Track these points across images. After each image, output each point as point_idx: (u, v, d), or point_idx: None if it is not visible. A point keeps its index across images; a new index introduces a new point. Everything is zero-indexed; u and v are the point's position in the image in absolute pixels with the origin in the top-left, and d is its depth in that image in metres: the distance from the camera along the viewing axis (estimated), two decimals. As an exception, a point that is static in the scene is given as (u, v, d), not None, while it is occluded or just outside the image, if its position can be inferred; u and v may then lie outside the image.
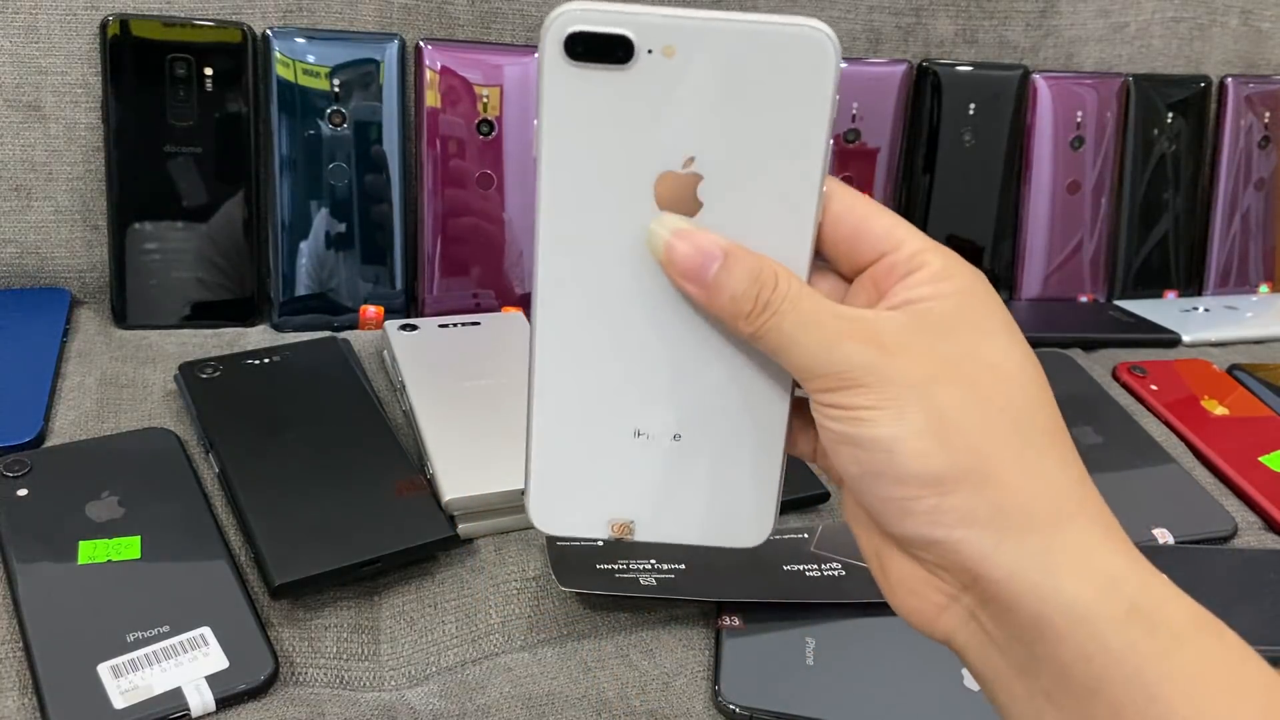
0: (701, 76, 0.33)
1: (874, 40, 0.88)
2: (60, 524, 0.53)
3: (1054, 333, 0.85)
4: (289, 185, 0.75)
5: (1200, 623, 0.31)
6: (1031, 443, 0.32)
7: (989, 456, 0.31)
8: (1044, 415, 0.32)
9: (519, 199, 0.79)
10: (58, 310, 0.72)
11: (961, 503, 0.31)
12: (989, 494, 0.31)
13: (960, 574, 0.32)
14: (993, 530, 0.31)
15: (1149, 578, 0.31)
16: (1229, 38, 0.98)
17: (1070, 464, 0.32)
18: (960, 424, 0.31)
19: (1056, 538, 0.31)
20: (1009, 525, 0.31)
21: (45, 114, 0.73)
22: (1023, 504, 0.31)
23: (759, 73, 0.33)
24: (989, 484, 0.31)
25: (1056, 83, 0.90)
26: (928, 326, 0.32)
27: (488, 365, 0.68)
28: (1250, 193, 0.97)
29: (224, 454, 0.58)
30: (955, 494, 0.31)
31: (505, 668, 0.51)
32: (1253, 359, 0.86)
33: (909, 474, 0.31)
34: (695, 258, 0.33)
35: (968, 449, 0.31)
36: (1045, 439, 0.32)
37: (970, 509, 0.31)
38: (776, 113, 0.33)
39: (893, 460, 0.31)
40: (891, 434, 0.31)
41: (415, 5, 0.78)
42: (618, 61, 0.32)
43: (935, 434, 0.31)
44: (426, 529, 0.55)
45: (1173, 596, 0.31)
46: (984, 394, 0.31)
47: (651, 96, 0.33)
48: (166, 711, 0.45)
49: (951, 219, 0.90)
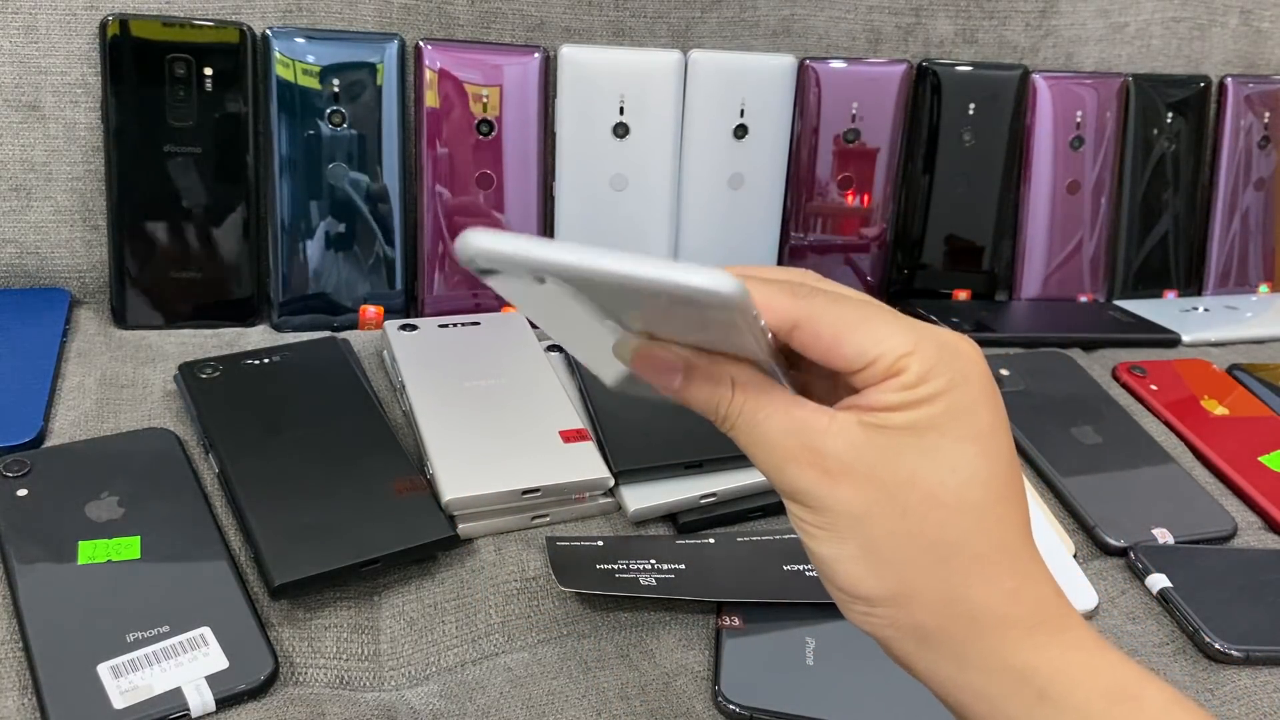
0: (605, 293, 0.32)
1: (874, 40, 0.88)
2: (60, 524, 0.53)
3: (1054, 333, 0.85)
4: (289, 185, 0.75)
5: (1115, 694, 0.34)
6: (955, 570, 0.34)
7: (911, 584, 0.34)
8: (979, 541, 0.34)
9: (518, 199, 0.79)
10: (57, 310, 0.72)
11: (886, 616, 0.35)
12: (910, 613, 0.35)
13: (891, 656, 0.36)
14: (915, 640, 0.35)
15: (1064, 662, 0.34)
16: (1229, 38, 0.98)
17: (995, 581, 0.35)
18: (889, 557, 0.34)
19: (970, 647, 0.35)
20: (927, 638, 0.35)
21: (45, 114, 0.73)
22: (939, 623, 0.34)
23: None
24: (911, 606, 0.34)
25: (1056, 83, 0.90)
26: (876, 444, 0.34)
27: (488, 365, 0.68)
28: (1250, 193, 0.97)
29: (224, 454, 0.58)
30: (881, 609, 0.35)
31: (505, 668, 0.51)
32: (1252, 359, 0.86)
33: (843, 588, 0.35)
34: (660, 373, 0.36)
35: (893, 578, 0.34)
36: (970, 565, 0.34)
37: (893, 620, 0.35)
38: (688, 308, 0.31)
39: (832, 574, 0.35)
40: (830, 554, 0.35)
41: (415, 5, 0.78)
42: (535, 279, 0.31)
43: (866, 562, 0.34)
44: (426, 529, 0.55)
45: (1089, 675, 0.34)
46: (915, 525, 0.34)
47: (567, 299, 0.33)
48: (166, 711, 0.45)
49: (951, 219, 0.90)
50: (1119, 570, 0.61)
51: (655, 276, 0.28)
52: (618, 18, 0.82)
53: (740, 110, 0.82)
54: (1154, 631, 0.57)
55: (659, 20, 0.83)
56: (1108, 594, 0.59)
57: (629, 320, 0.35)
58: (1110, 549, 0.62)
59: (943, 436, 0.34)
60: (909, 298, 0.90)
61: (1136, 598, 0.59)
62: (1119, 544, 0.62)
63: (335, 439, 0.60)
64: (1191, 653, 0.56)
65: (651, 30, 0.83)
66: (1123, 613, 0.58)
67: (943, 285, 0.91)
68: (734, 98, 0.82)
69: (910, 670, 0.36)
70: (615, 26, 0.82)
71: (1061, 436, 0.71)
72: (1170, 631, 0.57)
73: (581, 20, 0.81)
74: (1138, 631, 0.57)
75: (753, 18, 0.85)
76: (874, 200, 0.87)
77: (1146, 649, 0.56)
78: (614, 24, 0.82)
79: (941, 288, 0.91)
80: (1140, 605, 0.59)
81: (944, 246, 0.90)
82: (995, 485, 0.34)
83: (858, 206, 0.87)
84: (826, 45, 0.87)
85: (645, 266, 0.28)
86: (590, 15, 0.81)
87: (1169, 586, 0.59)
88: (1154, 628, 0.57)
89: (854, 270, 0.89)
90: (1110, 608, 0.58)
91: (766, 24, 0.85)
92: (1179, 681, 0.54)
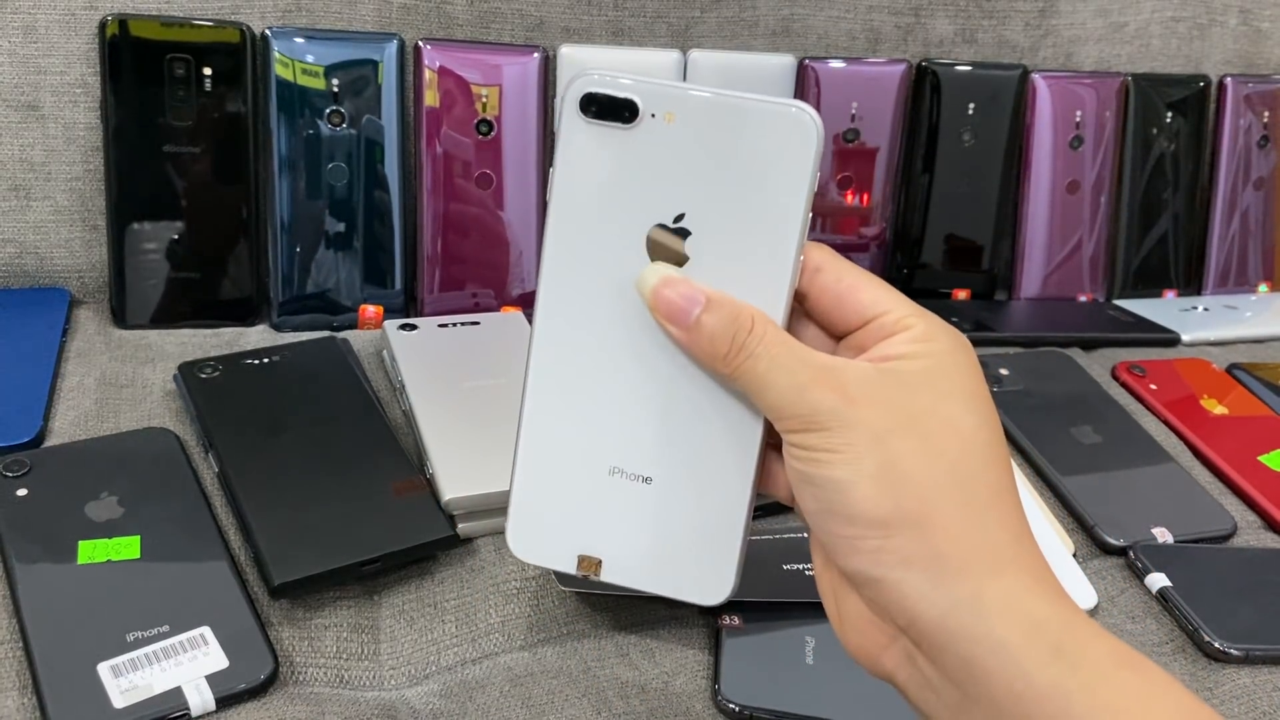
0: (696, 143, 0.36)
1: (873, 40, 0.88)
2: (60, 524, 0.53)
3: (1053, 332, 0.85)
4: (288, 185, 0.75)
5: (1121, 658, 0.33)
6: (974, 498, 0.34)
7: (932, 506, 0.33)
8: (992, 475, 0.35)
9: (518, 199, 0.79)
10: (57, 310, 0.72)
11: (903, 545, 0.33)
12: (929, 540, 0.33)
13: (898, 614, 0.34)
14: (930, 574, 0.33)
15: (1073, 619, 0.33)
16: (1228, 37, 0.98)
17: (1009, 522, 0.35)
18: (909, 474, 0.34)
19: (988, 585, 0.33)
20: (944, 570, 0.33)
21: (44, 114, 0.73)
22: (959, 552, 0.33)
23: (748, 144, 0.36)
24: (930, 531, 0.33)
25: (1056, 82, 0.90)
26: (893, 381, 0.35)
27: (487, 365, 0.68)
28: (1249, 192, 0.97)
29: (223, 454, 0.58)
30: (897, 537, 0.33)
31: (505, 668, 0.51)
32: (1252, 358, 0.86)
33: (857, 514, 0.34)
34: (679, 302, 0.36)
35: (913, 497, 0.33)
36: (988, 496, 0.34)
37: (910, 552, 0.33)
38: (761, 180, 0.36)
39: (844, 500, 0.34)
40: (845, 476, 0.34)
41: (414, 5, 0.78)
42: (624, 121, 0.36)
43: (885, 480, 0.33)
44: (426, 529, 0.55)
45: (1095, 635, 0.33)
46: (936, 448, 0.34)
47: (650, 156, 0.36)
48: (166, 711, 0.45)
49: (951, 219, 0.90)
50: (1118, 569, 0.61)
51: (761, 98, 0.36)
52: (617, 17, 0.82)
53: (740, 110, 0.82)
54: (1153, 631, 0.57)
55: (659, 20, 0.83)
56: (1107, 593, 0.59)
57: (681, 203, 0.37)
58: (1110, 548, 0.62)
59: (953, 384, 0.35)
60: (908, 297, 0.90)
61: (1136, 597, 0.59)
62: (1118, 543, 0.62)
63: (335, 439, 0.60)
64: (1191, 652, 0.56)
65: (651, 30, 0.83)
66: (1122, 612, 0.58)
67: (942, 285, 0.91)
68: (733, 97, 0.82)
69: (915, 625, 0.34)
70: (615, 26, 0.82)
71: (1061, 436, 0.71)
72: (1170, 631, 0.57)
73: (581, 20, 0.81)
74: (1137, 631, 0.57)
75: (752, 17, 0.85)
76: (873, 200, 0.87)
77: (1146, 648, 0.56)
78: (614, 24, 0.82)
79: (941, 287, 0.91)
80: (1140, 604, 0.59)
81: (944, 246, 0.90)
82: (998, 437, 0.36)
83: (857, 206, 0.87)
84: (826, 45, 0.87)
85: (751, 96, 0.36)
86: (590, 15, 0.81)
87: (1168, 586, 0.59)
88: (1153, 627, 0.57)
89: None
90: (1110, 607, 0.58)
91: (766, 24, 0.85)
92: (1179, 681, 0.54)
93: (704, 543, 0.40)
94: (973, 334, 0.83)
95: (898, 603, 0.34)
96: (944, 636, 0.33)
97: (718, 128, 0.36)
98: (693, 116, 0.36)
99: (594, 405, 0.39)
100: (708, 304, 0.36)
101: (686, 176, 0.37)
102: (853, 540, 0.34)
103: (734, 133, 0.36)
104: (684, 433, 0.39)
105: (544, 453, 0.40)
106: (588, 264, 0.38)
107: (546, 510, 0.40)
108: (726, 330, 0.36)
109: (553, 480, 0.40)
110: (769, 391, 0.35)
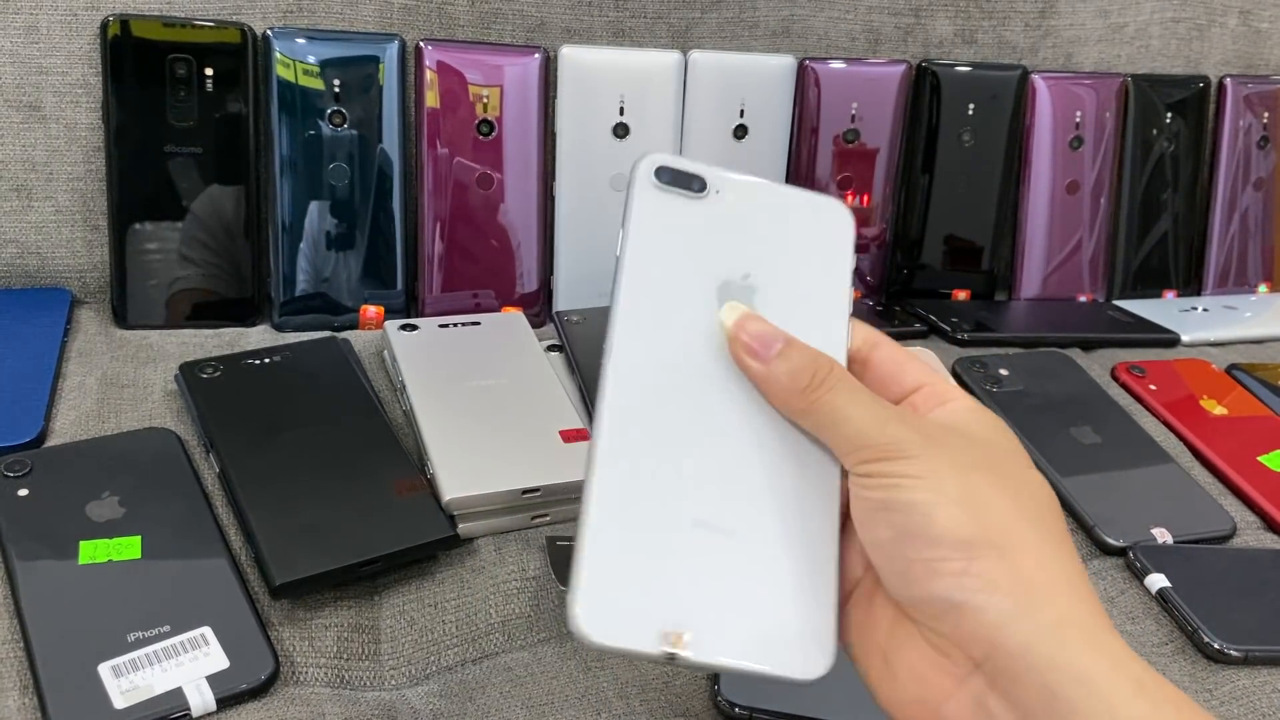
0: (755, 217, 0.40)
1: (873, 40, 0.88)
2: (61, 524, 0.53)
3: (1053, 332, 0.85)
4: (289, 185, 0.75)
5: (1187, 704, 0.33)
6: (1048, 535, 0.35)
7: (1013, 534, 0.34)
8: (1056, 521, 0.36)
9: (519, 199, 0.79)
10: (58, 310, 0.72)
11: (987, 569, 0.33)
12: (1012, 564, 0.33)
13: (975, 645, 0.34)
14: (1013, 599, 0.33)
15: (1140, 658, 0.34)
16: (1228, 38, 0.98)
17: (1074, 561, 0.35)
18: (989, 503, 0.34)
19: (1069, 613, 0.33)
20: (1028, 596, 0.33)
21: (46, 114, 0.73)
22: (1045, 579, 0.33)
23: (798, 225, 0.41)
24: (1014, 556, 0.34)
25: (1055, 83, 0.90)
26: (961, 431, 0.37)
27: (488, 365, 0.68)
28: (1249, 193, 0.97)
29: (224, 454, 0.58)
30: (981, 560, 0.33)
31: (505, 668, 0.51)
32: (1251, 359, 0.86)
33: (941, 535, 0.34)
34: (761, 337, 0.38)
35: (996, 524, 0.34)
36: (1058, 536, 0.35)
37: (994, 576, 0.33)
38: (811, 255, 0.41)
39: (927, 522, 0.34)
40: (929, 498, 0.34)
41: (415, 5, 0.78)
42: (694, 190, 0.40)
43: (968, 504, 0.34)
44: (426, 529, 0.55)
45: (1163, 679, 0.33)
46: (1011, 486, 0.35)
47: (717, 220, 0.40)
48: (167, 711, 0.45)
49: (951, 219, 0.90)
50: (1118, 570, 0.61)
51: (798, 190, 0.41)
52: (618, 18, 0.82)
53: (740, 111, 0.82)
54: (1153, 631, 0.57)
55: (659, 20, 0.83)
56: (1107, 594, 0.59)
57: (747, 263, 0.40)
58: (1109, 548, 0.62)
59: (1012, 445, 0.38)
60: (909, 298, 0.90)
61: (1135, 597, 0.59)
62: (1118, 543, 0.62)
63: (336, 439, 0.60)
64: (1190, 652, 0.56)
65: (651, 30, 0.83)
66: (1122, 612, 0.58)
67: (942, 285, 0.91)
68: (734, 98, 0.82)
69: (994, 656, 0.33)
70: (615, 27, 0.82)
71: (1060, 436, 0.71)
72: (1169, 631, 0.57)
73: (581, 20, 0.81)
74: (1137, 631, 0.57)
75: (752, 18, 0.85)
76: (873, 200, 0.87)
77: (1146, 649, 0.56)
78: (614, 24, 0.82)
79: (941, 287, 0.91)
80: (1139, 605, 0.59)
81: (943, 246, 0.90)
82: (1056, 499, 0.37)
83: (857, 206, 0.87)
84: (826, 45, 0.87)
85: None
86: (590, 15, 0.81)
87: (1168, 586, 0.59)
88: (1153, 627, 0.57)
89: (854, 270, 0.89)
90: (1109, 607, 0.58)
91: (766, 24, 0.85)
92: (1178, 681, 0.54)
93: (796, 602, 0.37)
94: (973, 334, 0.83)
95: (979, 631, 0.33)
96: (1024, 667, 0.32)
97: (773, 207, 0.41)
98: (751, 195, 0.40)
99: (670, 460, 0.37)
100: (787, 343, 0.38)
101: (749, 243, 0.40)
102: (934, 563, 0.34)
103: (785, 212, 0.41)
104: (764, 481, 0.38)
105: (620, 515, 0.36)
106: (660, 318, 0.39)
107: (623, 579, 0.36)
108: (808, 366, 0.37)
109: (631, 545, 0.36)
110: (848, 424, 0.36)
